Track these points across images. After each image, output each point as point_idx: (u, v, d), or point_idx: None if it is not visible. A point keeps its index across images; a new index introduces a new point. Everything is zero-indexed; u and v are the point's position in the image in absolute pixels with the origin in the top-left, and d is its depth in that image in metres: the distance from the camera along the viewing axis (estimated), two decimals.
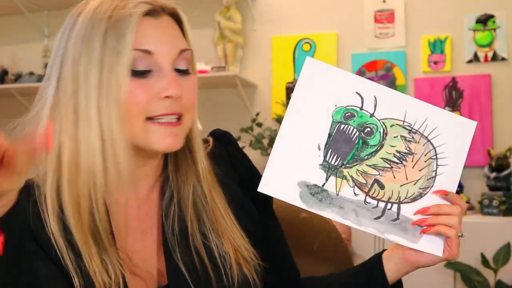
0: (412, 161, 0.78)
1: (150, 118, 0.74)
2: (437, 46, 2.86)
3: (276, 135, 0.77)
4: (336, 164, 0.76)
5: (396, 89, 3.41)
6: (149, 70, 0.74)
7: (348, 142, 0.76)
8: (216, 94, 3.15)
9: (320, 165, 0.75)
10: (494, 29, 2.79)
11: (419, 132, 0.78)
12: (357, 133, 0.76)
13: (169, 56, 0.75)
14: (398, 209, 0.77)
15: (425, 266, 0.80)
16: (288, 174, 0.75)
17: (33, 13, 3.53)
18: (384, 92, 0.78)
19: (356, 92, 0.77)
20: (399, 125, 0.77)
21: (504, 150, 2.63)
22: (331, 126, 0.76)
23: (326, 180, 0.76)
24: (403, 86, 2.90)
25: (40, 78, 3.32)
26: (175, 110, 0.75)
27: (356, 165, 0.76)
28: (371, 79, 3.20)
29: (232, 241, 0.80)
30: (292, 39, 3.12)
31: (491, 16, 2.80)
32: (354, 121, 0.76)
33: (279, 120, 2.94)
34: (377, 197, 0.77)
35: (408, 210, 0.78)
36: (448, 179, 0.79)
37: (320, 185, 0.75)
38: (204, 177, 0.82)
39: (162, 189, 0.83)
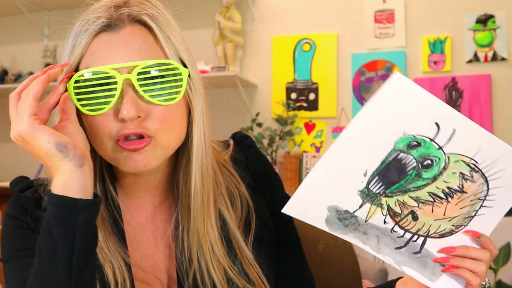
0: (458, 199, 0.70)
1: (118, 141, 0.69)
2: (437, 46, 2.86)
3: (276, 134, 0.74)
4: (377, 192, 0.68)
5: None
6: None
7: (400, 172, 0.67)
8: (216, 94, 3.15)
9: (360, 191, 0.67)
10: (494, 29, 2.79)
11: (481, 172, 0.70)
12: (415, 164, 0.67)
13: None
14: (423, 242, 0.71)
15: None
16: (320, 197, 0.67)
17: (33, 13, 3.53)
18: (465, 125, 0.67)
19: (435, 122, 0.66)
20: (464, 162, 0.69)
21: None
22: (388, 153, 0.66)
23: (360, 206, 0.68)
24: None
25: None
26: (133, 129, 0.68)
27: (398, 195, 0.69)
28: (371, 79, 3.15)
29: (223, 263, 0.78)
30: (292, 39, 3.12)
31: (491, 16, 2.80)
32: (417, 151, 0.67)
33: (279, 120, 2.94)
34: (406, 227, 0.70)
35: (433, 246, 0.71)
36: (486, 222, 0.72)
37: (352, 211, 0.68)
38: (199, 190, 0.76)
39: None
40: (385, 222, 0.69)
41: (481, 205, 0.71)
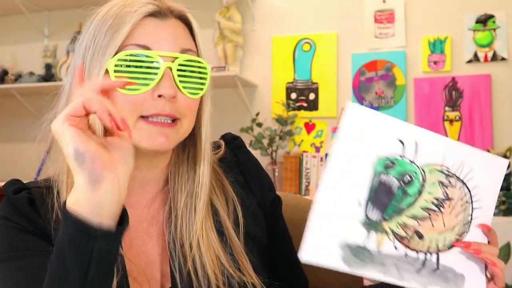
0: (449, 207, 0.74)
1: (143, 117, 0.73)
2: (437, 46, 2.87)
3: (276, 134, 0.75)
4: (376, 218, 0.70)
5: (396, 89, 3.35)
6: None
7: (388, 193, 0.71)
8: (216, 94, 3.12)
9: (361, 222, 0.70)
10: (494, 29, 2.79)
11: (456, 176, 0.74)
12: (397, 183, 0.71)
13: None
14: (437, 258, 0.74)
15: None
16: (329, 237, 0.68)
17: (33, 13, 3.53)
18: (424, 136, 0.73)
19: (397, 139, 0.71)
20: (438, 169, 0.73)
21: (504, 150, 2.63)
22: (372, 179, 0.70)
23: (367, 237, 0.70)
24: (403, 86, 2.90)
25: (40, 78, 3.32)
26: (168, 111, 0.73)
27: (396, 217, 0.71)
28: (371, 79, 3.16)
29: (214, 253, 0.79)
30: (292, 39, 3.12)
31: (491, 16, 2.80)
32: (394, 170, 0.71)
33: (279, 120, 2.94)
34: (417, 249, 0.73)
35: (447, 259, 0.74)
36: (483, 222, 0.76)
37: (362, 245, 0.70)
38: (201, 186, 0.80)
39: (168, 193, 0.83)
40: (395, 247, 0.71)
41: (472, 208, 0.75)
